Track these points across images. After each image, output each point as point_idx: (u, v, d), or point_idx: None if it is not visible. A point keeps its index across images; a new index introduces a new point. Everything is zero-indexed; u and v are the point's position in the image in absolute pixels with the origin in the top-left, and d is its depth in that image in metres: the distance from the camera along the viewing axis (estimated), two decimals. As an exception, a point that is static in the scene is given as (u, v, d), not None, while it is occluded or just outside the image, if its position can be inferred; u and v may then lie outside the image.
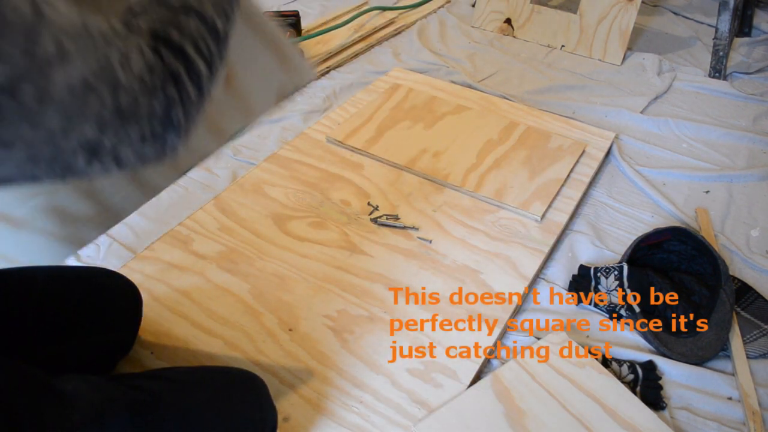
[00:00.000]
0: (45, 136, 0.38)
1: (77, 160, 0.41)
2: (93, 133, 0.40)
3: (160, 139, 0.45)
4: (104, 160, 0.42)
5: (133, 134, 0.43)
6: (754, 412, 0.92)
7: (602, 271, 1.11)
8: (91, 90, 0.39)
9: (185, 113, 0.46)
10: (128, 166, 0.44)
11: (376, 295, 1.07)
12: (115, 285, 0.91)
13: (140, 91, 0.42)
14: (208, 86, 0.48)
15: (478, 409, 0.90)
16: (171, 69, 0.45)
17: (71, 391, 0.63)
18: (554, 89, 1.72)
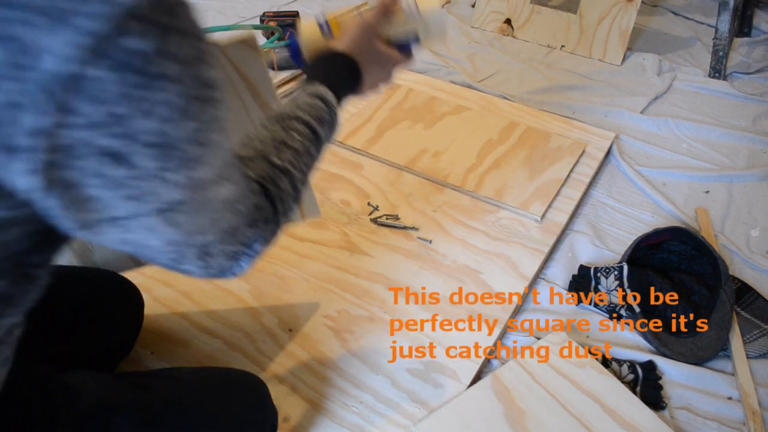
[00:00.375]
0: (192, 230, 0.49)
1: (191, 253, 0.52)
2: (212, 239, 0.51)
3: (239, 260, 0.56)
4: (204, 260, 0.53)
5: (228, 250, 0.54)
6: (754, 412, 0.92)
7: (602, 271, 1.11)
8: (228, 209, 0.51)
9: (263, 247, 0.58)
10: (209, 270, 0.55)
11: (376, 295, 1.07)
12: (117, 286, 0.91)
13: (246, 222, 0.54)
14: (279, 231, 0.61)
15: (478, 409, 0.90)
16: (265, 213, 0.57)
17: (78, 385, 0.64)
18: (554, 89, 1.72)
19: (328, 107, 0.68)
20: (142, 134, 0.40)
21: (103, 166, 0.40)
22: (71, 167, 0.40)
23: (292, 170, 0.61)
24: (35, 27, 0.34)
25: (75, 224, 0.44)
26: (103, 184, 0.41)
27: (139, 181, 0.42)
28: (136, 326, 0.94)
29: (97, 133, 0.39)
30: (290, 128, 0.63)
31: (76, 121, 0.38)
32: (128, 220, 0.45)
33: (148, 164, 0.42)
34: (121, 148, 0.40)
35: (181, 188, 0.45)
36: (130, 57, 0.37)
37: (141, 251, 0.50)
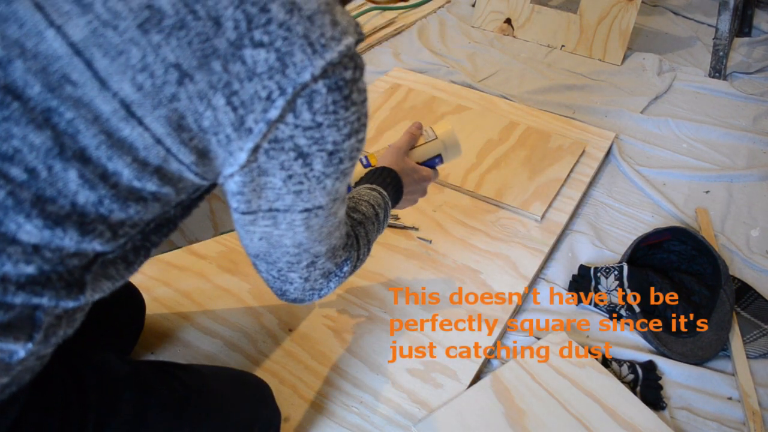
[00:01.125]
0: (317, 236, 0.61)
1: (304, 260, 0.63)
2: (323, 251, 0.63)
3: (329, 280, 0.68)
4: (309, 270, 0.64)
5: (328, 267, 0.66)
6: (754, 412, 0.92)
7: (602, 271, 1.12)
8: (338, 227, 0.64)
9: (349, 271, 0.71)
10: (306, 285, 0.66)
11: (376, 295, 1.07)
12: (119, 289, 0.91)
13: (342, 244, 0.68)
14: (360, 265, 0.75)
15: (478, 409, 0.90)
16: (352, 241, 0.71)
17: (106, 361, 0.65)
18: (554, 89, 1.72)
19: (383, 197, 0.83)
20: (326, 141, 0.51)
21: (291, 160, 0.51)
22: (273, 157, 0.50)
23: (364, 223, 0.76)
24: (304, 51, 0.46)
25: (246, 206, 0.54)
26: (284, 176, 0.52)
27: (306, 180, 0.53)
28: (136, 327, 0.95)
29: (300, 134, 0.49)
30: (358, 202, 0.79)
31: (294, 121, 0.48)
32: (282, 213, 0.55)
33: (318, 167, 0.52)
34: (308, 149, 0.51)
35: (327, 194, 0.56)
36: (341, 82, 0.49)
37: (271, 251, 0.60)
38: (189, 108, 0.45)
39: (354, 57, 0.50)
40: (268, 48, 0.45)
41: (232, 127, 0.47)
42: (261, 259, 0.63)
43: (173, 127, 0.46)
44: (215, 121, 0.46)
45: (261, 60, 0.45)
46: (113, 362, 0.66)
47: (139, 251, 0.56)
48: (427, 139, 0.97)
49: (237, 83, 0.45)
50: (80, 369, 0.61)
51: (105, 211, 0.47)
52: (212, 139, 0.47)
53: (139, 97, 0.44)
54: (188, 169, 0.49)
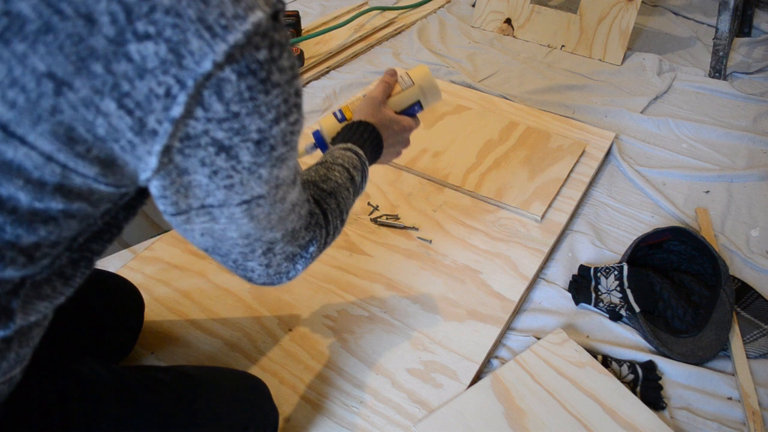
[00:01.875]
0: (265, 224, 0.56)
1: (259, 249, 0.59)
2: (278, 237, 0.59)
3: (295, 263, 0.64)
4: (268, 257, 0.60)
5: (289, 251, 0.62)
6: (754, 412, 0.92)
7: (602, 271, 1.12)
8: (293, 211, 0.59)
9: (317, 251, 0.66)
10: (269, 270, 0.62)
11: (376, 295, 1.07)
12: (118, 288, 0.91)
13: (304, 224, 0.63)
14: (332, 240, 0.70)
15: (478, 409, 0.90)
16: (319, 219, 0.66)
17: (90, 373, 0.65)
18: (554, 89, 1.72)
19: (359, 157, 0.78)
20: (248, 131, 0.47)
21: (212, 156, 0.47)
22: (189, 155, 0.46)
23: (336, 194, 0.71)
24: (201, 37, 0.41)
25: (173, 208, 0.50)
26: (208, 172, 0.48)
27: (235, 173, 0.49)
28: (136, 327, 0.95)
29: (216, 127, 0.45)
30: (331, 168, 0.74)
31: (204, 115, 0.44)
32: (217, 208, 0.51)
33: (246, 158, 0.48)
34: (230, 142, 0.46)
35: (265, 183, 0.52)
36: (253, 65, 0.44)
37: (219, 244, 0.57)
38: (76, 118, 0.41)
39: (267, 34, 0.44)
40: (156, 40, 0.40)
41: (132, 132, 0.43)
42: (212, 253, 0.59)
43: (63, 141, 0.42)
44: (111, 128, 0.42)
45: (150, 54, 0.40)
46: (96, 372, 0.65)
47: (78, 264, 0.53)
48: (404, 86, 0.92)
49: (126, 84, 0.41)
50: (62, 381, 0.61)
51: (10, 237, 0.44)
52: (114, 146, 0.43)
53: (15, 115, 0.40)
54: (95, 181, 0.45)
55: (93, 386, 0.63)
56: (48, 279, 0.50)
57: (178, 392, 0.71)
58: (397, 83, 0.92)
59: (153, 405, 0.67)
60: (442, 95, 1.61)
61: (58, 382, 0.60)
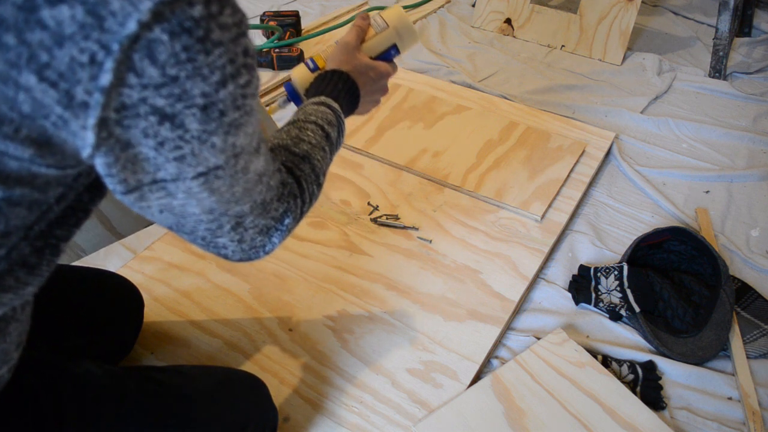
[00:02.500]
0: (229, 197, 0.52)
1: (228, 224, 0.55)
2: (247, 210, 0.55)
3: (270, 236, 0.60)
4: (238, 232, 0.56)
5: (262, 224, 0.58)
6: (754, 412, 0.92)
7: (602, 271, 1.11)
8: (260, 181, 0.55)
9: (293, 222, 0.62)
10: (243, 245, 0.58)
11: (376, 295, 1.07)
12: (117, 287, 0.91)
13: (275, 195, 0.59)
14: (309, 208, 0.66)
15: (478, 409, 0.90)
16: (293, 189, 0.62)
17: (85, 374, 0.64)
18: (554, 89, 1.72)
19: (334, 111, 0.74)
20: (191, 96, 0.43)
21: (155, 126, 0.43)
22: (129, 126, 0.42)
23: (310, 158, 0.66)
24: None
25: (123, 186, 0.47)
26: (153, 144, 0.44)
27: (184, 143, 0.45)
28: (136, 326, 0.95)
29: (154, 94, 0.41)
30: (303, 128, 0.69)
31: (138, 81, 0.41)
32: (171, 183, 0.48)
33: (194, 126, 0.45)
34: (172, 109, 0.43)
35: (221, 153, 0.48)
36: (187, 22, 0.40)
37: (182, 221, 0.53)
38: None
39: None
40: (70, 3, 0.37)
41: (61, 106, 0.40)
42: (177, 231, 0.55)
43: None
44: (36, 104, 0.40)
45: (66, 19, 0.37)
46: (92, 372, 0.65)
47: (42, 252, 0.50)
48: (378, 29, 0.86)
49: (44, 54, 0.38)
50: (57, 381, 0.61)
51: None
52: (45, 124, 0.41)
53: None
54: (33, 163, 0.42)
55: (88, 386, 0.63)
56: (9, 270, 0.48)
57: (174, 392, 0.70)
58: (371, 27, 0.86)
59: (148, 405, 0.67)
60: (442, 94, 1.62)
61: (52, 383, 0.60)
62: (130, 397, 0.65)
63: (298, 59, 1.69)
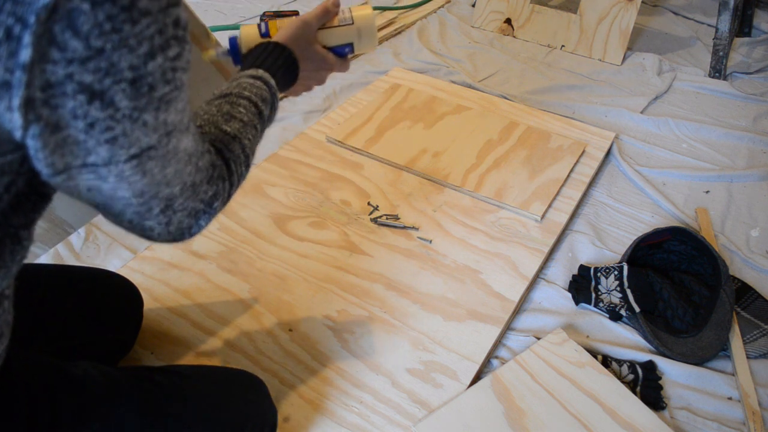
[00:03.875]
0: (160, 179, 0.50)
1: (157, 207, 0.52)
2: (177, 193, 0.53)
3: (198, 219, 0.58)
4: (167, 215, 0.54)
5: (191, 206, 0.56)
6: (754, 412, 0.92)
7: (602, 271, 1.11)
8: (190, 162, 0.53)
9: (221, 205, 0.60)
10: (170, 228, 0.56)
11: (376, 295, 1.07)
12: (117, 286, 0.91)
13: (205, 178, 0.56)
14: (236, 190, 0.63)
15: (478, 409, 0.90)
16: (221, 171, 0.59)
17: (82, 376, 0.64)
18: (554, 89, 1.72)
19: (270, 88, 0.71)
20: (119, 70, 0.41)
21: (85, 105, 0.41)
22: (57, 106, 0.40)
23: (240, 137, 0.64)
24: None
25: (51, 169, 0.45)
26: (83, 126, 0.42)
27: (115, 123, 0.43)
28: (135, 325, 0.95)
29: (80, 69, 0.39)
30: (235, 103, 0.66)
31: (62, 56, 0.38)
32: (103, 167, 0.45)
33: (124, 103, 0.42)
34: (101, 85, 0.41)
35: (153, 131, 0.46)
36: None
37: (109, 203, 0.50)
38: None
39: None
40: None
41: None
42: (103, 211, 0.53)
43: None
44: None
45: None
46: (88, 373, 0.65)
47: (2, 241, 0.49)
48: (342, 21, 0.84)
49: None
50: (52, 381, 0.61)
51: None
52: None
53: None
54: None
55: (83, 387, 0.63)
56: None
57: (172, 393, 0.70)
58: (336, 17, 0.84)
59: (145, 405, 0.66)
60: (442, 95, 1.62)
61: (49, 384, 0.60)
62: (127, 398, 0.65)
63: (298, 59, 1.69)
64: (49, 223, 1.08)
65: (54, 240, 1.13)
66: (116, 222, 0.54)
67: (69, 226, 1.12)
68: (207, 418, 0.71)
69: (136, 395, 0.66)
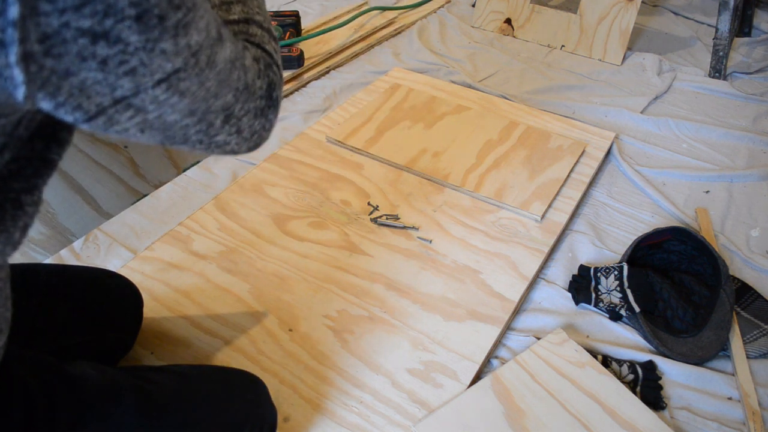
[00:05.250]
0: (204, 95, 0.48)
1: (217, 119, 0.51)
2: (231, 100, 0.51)
3: (266, 115, 0.57)
4: (232, 124, 0.53)
5: (252, 107, 0.54)
6: (754, 412, 0.92)
7: (602, 271, 1.12)
8: (234, 67, 0.50)
9: (279, 92, 0.58)
10: (243, 135, 0.55)
11: (376, 295, 1.07)
12: (117, 286, 0.91)
13: (255, 74, 0.54)
14: (282, 72, 0.61)
15: (478, 409, 0.90)
16: (266, 59, 0.57)
17: (80, 375, 0.64)
18: (554, 89, 1.72)
19: None
20: (118, 9, 0.39)
21: (90, 47, 0.39)
22: (60, 54, 0.39)
23: (251, 17, 0.61)
24: None
25: (81, 113, 0.43)
26: (95, 65, 0.40)
27: (129, 56, 0.41)
28: (135, 325, 0.95)
29: (76, 16, 0.38)
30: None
31: (53, 7, 0.37)
32: (134, 97, 0.43)
33: (134, 38, 0.40)
34: (102, 27, 0.39)
35: (176, 56, 0.43)
36: None
37: (169, 134, 0.49)
38: None
39: None
40: None
41: None
42: (170, 144, 0.51)
43: None
44: None
45: None
46: (86, 373, 0.65)
47: (2, 206, 0.47)
48: None
49: None
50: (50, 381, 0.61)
51: None
52: None
53: None
54: None
55: (82, 386, 0.63)
56: None
57: (171, 392, 0.70)
58: None
59: (144, 405, 0.66)
60: (442, 94, 1.62)
61: (46, 382, 0.60)
62: (125, 397, 0.65)
63: (298, 59, 1.69)
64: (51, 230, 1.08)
65: (56, 247, 1.13)
66: (190, 149, 0.53)
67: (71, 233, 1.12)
68: (206, 418, 0.71)
69: (135, 395, 0.66)
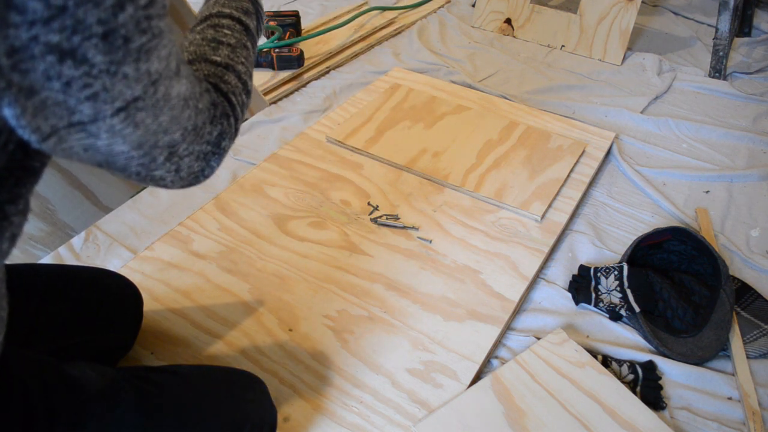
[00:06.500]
0: (156, 128, 0.48)
1: (161, 156, 0.51)
2: (179, 138, 0.51)
3: (208, 161, 0.56)
4: (174, 162, 0.53)
5: (197, 150, 0.54)
6: (754, 412, 0.92)
7: (602, 271, 1.11)
8: (187, 105, 0.51)
9: (229, 143, 0.58)
10: (180, 174, 0.55)
11: (376, 295, 1.07)
12: (117, 286, 0.91)
13: (207, 119, 0.54)
14: (240, 125, 0.61)
15: (478, 409, 0.90)
16: (224, 108, 0.57)
17: (79, 376, 0.64)
18: (554, 89, 1.72)
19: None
20: (87, 26, 0.39)
21: (56, 65, 0.39)
22: (27, 70, 0.39)
23: (233, 65, 0.62)
24: None
25: (38, 135, 0.43)
26: (59, 86, 0.40)
27: (93, 79, 0.41)
28: (135, 325, 0.95)
29: (45, 30, 0.38)
30: (218, 26, 0.63)
31: (22, 19, 0.37)
32: (90, 124, 0.44)
33: (99, 58, 0.40)
34: (70, 44, 0.39)
35: (136, 82, 0.44)
36: None
37: (111, 159, 0.49)
38: None
39: None
40: None
41: None
42: (108, 168, 0.51)
43: None
44: None
45: None
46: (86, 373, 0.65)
47: None
48: None
49: None
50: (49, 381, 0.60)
51: None
52: None
53: None
54: None
55: (81, 386, 0.63)
56: None
57: (171, 392, 0.70)
58: None
59: (144, 405, 0.66)
60: (442, 94, 1.62)
61: (45, 382, 0.60)
62: (125, 397, 0.65)
63: (298, 59, 1.69)
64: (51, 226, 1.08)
65: (56, 243, 1.13)
66: (126, 177, 0.52)
67: (71, 229, 1.12)
68: (206, 418, 0.71)
69: (135, 395, 0.66)
